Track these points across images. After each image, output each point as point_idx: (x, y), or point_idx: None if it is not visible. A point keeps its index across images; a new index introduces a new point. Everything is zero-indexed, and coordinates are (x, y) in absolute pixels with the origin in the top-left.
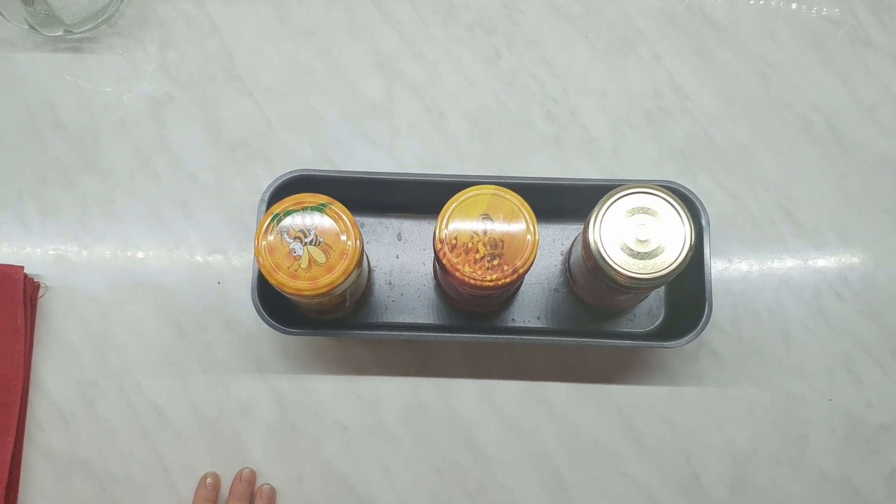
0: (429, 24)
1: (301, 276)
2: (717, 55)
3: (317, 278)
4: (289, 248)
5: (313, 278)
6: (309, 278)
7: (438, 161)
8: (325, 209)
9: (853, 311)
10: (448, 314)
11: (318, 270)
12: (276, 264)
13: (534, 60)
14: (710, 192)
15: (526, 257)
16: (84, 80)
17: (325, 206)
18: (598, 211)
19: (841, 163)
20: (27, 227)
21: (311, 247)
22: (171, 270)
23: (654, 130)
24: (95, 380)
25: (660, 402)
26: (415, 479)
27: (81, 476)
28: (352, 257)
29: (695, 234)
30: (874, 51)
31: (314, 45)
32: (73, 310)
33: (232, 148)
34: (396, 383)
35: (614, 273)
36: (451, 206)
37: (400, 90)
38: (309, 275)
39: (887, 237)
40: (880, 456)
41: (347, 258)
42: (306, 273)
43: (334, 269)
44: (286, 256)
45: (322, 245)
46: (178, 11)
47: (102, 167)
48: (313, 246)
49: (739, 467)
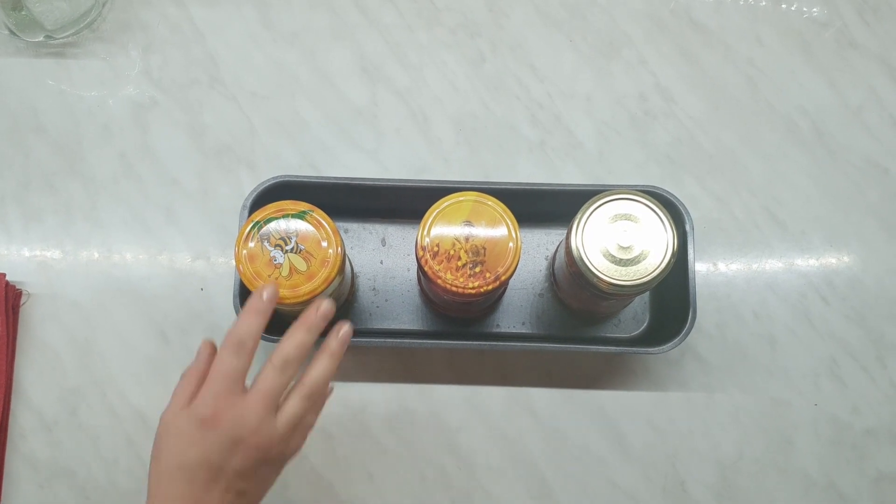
0: (413, 28)
1: (282, 285)
2: (704, 58)
3: (298, 286)
4: (269, 255)
5: (294, 286)
6: (290, 286)
7: (424, 165)
8: (306, 216)
9: (839, 315)
10: (433, 320)
11: (300, 278)
12: (256, 272)
13: (519, 64)
14: (695, 197)
15: (508, 264)
16: (67, 86)
17: (306, 214)
18: (580, 217)
19: (827, 165)
20: (9, 234)
21: (292, 254)
22: (154, 277)
23: (639, 135)
24: (78, 387)
25: (645, 407)
26: (400, 485)
27: (65, 484)
28: (333, 265)
29: (678, 240)
30: (860, 53)
31: (298, 50)
32: (56, 317)
33: (216, 153)
34: (381, 390)
35: (597, 280)
36: (433, 213)
37: (385, 94)
38: (290, 283)
39: (873, 240)
40: (866, 461)
41: (329, 266)
42: (287, 281)
43: (315, 276)
44: (267, 264)
45: (303, 253)
46: (160, 16)
47: (86, 172)
48: (294, 254)
49: (725, 472)
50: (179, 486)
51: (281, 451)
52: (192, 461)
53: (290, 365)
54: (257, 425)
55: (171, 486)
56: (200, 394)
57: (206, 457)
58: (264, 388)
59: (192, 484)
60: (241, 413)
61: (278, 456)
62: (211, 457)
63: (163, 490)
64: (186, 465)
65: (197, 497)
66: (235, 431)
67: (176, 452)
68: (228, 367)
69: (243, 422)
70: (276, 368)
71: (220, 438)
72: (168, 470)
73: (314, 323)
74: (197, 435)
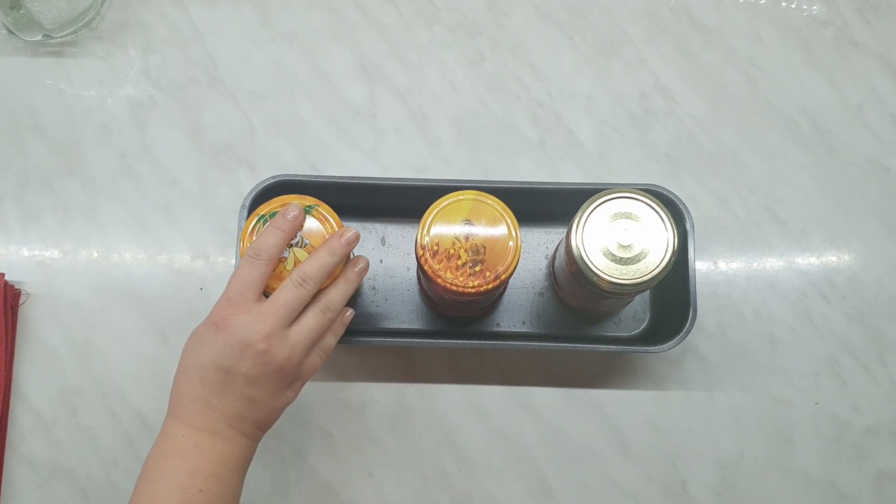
0: (413, 27)
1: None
2: (703, 57)
3: None
4: None
5: None
6: None
7: (423, 165)
8: (311, 211)
9: (839, 313)
10: (433, 319)
11: None
12: None
13: (518, 63)
14: (695, 195)
15: (508, 263)
16: (65, 85)
17: (312, 208)
18: (580, 216)
19: (827, 164)
20: (8, 234)
21: (297, 249)
22: (153, 276)
23: (639, 133)
24: (78, 387)
25: (645, 406)
26: (400, 485)
27: (64, 485)
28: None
29: (678, 239)
30: (860, 51)
31: (298, 49)
32: (55, 317)
33: (215, 152)
34: (381, 389)
35: (597, 278)
36: (433, 211)
37: (384, 94)
38: None
39: (874, 239)
40: (867, 459)
41: None
42: None
43: None
44: None
45: (308, 247)
46: (159, 15)
47: (84, 172)
48: (299, 248)
49: (725, 472)
50: (194, 386)
51: (295, 365)
52: (205, 361)
53: (307, 281)
54: (268, 330)
55: (186, 385)
56: (218, 300)
57: (216, 357)
58: (278, 299)
59: (203, 383)
60: (252, 318)
61: (292, 369)
62: (221, 357)
63: (179, 388)
64: (200, 365)
65: (207, 397)
66: (244, 333)
67: (193, 353)
68: (245, 273)
69: (253, 326)
70: (293, 283)
71: (230, 340)
72: (184, 370)
73: (337, 246)
74: (210, 337)
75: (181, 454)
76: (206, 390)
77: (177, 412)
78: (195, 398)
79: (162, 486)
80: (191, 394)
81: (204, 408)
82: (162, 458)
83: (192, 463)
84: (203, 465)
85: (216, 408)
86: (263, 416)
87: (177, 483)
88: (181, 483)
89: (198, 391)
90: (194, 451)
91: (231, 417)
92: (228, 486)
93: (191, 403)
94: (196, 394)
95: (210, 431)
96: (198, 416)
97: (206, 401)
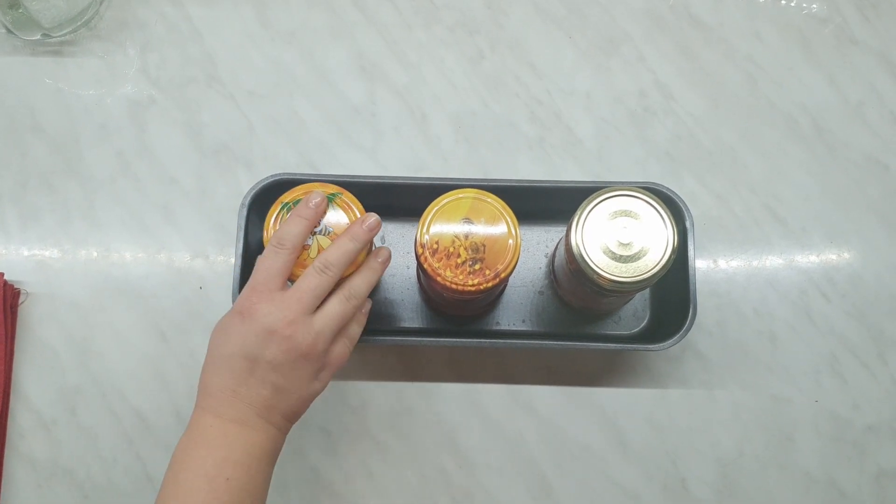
0: (411, 26)
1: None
2: (703, 55)
3: None
4: None
5: None
6: None
7: (422, 163)
8: (335, 199)
9: (839, 311)
10: (432, 318)
11: None
12: None
13: (517, 62)
14: (695, 194)
15: (508, 261)
16: (64, 84)
17: (336, 196)
18: (580, 214)
19: (827, 162)
20: (7, 233)
21: (320, 236)
22: (152, 276)
23: (639, 132)
24: (77, 387)
25: (645, 404)
26: (400, 484)
27: (64, 484)
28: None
29: (678, 237)
30: (860, 49)
31: (296, 48)
32: (55, 316)
33: (214, 152)
34: (381, 388)
35: (596, 276)
36: (433, 209)
37: (383, 93)
38: None
39: (874, 237)
40: (867, 457)
41: None
42: None
43: None
44: None
45: (331, 235)
46: (158, 14)
47: (83, 172)
48: (323, 235)
49: (725, 470)
50: (223, 376)
51: (320, 352)
52: (231, 350)
53: (330, 268)
54: (291, 317)
55: (213, 375)
56: (242, 292)
57: (242, 346)
58: (301, 286)
59: (230, 373)
60: (275, 306)
61: (317, 356)
62: (246, 346)
63: (205, 380)
64: (226, 355)
65: (235, 387)
66: (268, 321)
67: (219, 344)
68: (270, 262)
69: (277, 313)
70: (316, 270)
71: (255, 328)
72: (211, 362)
73: (359, 233)
74: (236, 326)
75: (208, 444)
76: (233, 380)
77: (204, 403)
78: (222, 388)
79: (188, 475)
80: (218, 384)
81: (232, 397)
82: (189, 449)
83: (219, 452)
84: (230, 455)
85: (244, 397)
86: (291, 406)
87: (203, 472)
88: (208, 472)
89: (225, 381)
90: (222, 440)
91: (259, 407)
92: (256, 476)
93: (218, 393)
94: (223, 384)
95: (238, 421)
96: (226, 406)
97: (233, 390)
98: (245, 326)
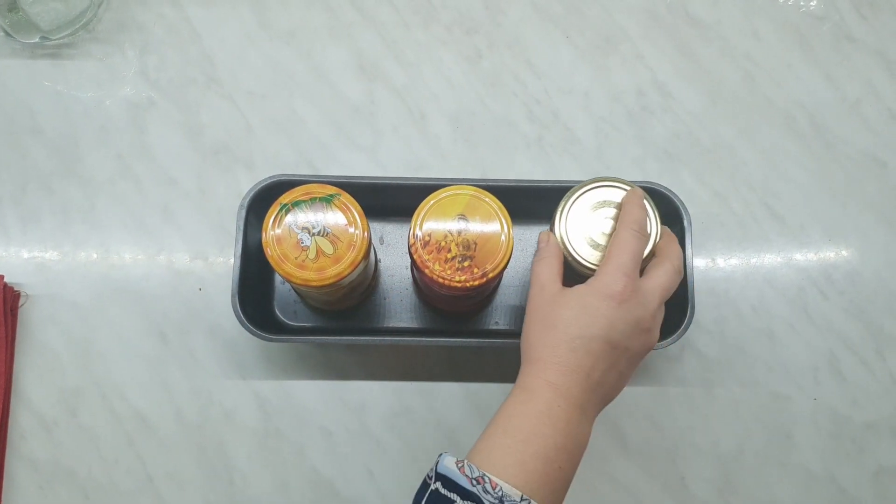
0: (410, 25)
1: (308, 267)
2: (701, 53)
3: (324, 269)
4: (297, 238)
5: (321, 269)
6: (316, 269)
7: (422, 163)
8: (333, 200)
9: (838, 308)
10: (431, 317)
11: (326, 261)
12: (283, 254)
13: (516, 60)
14: (693, 192)
15: (497, 262)
16: (63, 86)
17: (334, 197)
18: (562, 206)
19: (825, 159)
20: (7, 235)
21: (318, 237)
22: (152, 277)
23: (637, 130)
24: (78, 388)
25: (645, 402)
26: (400, 483)
27: (65, 485)
28: (359, 248)
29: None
30: (857, 46)
31: (295, 48)
32: (55, 318)
33: (213, 152)
34: (380, 388)
35: (581, 267)
36: (429, 202)
37: (382, 92)
38: (316, 265)
39: (872, 234)
40: (866, 454)
41: (355, 249)
42: (314, 264)
43: (342, 259)
44: (294, 247)
45: (330, 236)
46: (157, 16)
47: (83, 173)
48: (321, 237)
49: (725, 467)
50: (579, 356)
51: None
52: (595, 333)
53: (644, 230)
54: (654, 310)
55: (570, 354)
56: (607, 271)
57: (608, 331)
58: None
59: (590, 355)
60: (645, 295)
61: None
62: (613, 332)
63: (560, 356)
64: (589, 336)
65: (588, 370)
66: (639, 312)
67: (582, 324)
68: (634, 247)
69: (647, 305)
70: (637, 237)
71: (626, 317)
72: (568, 339)
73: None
74: (604, 309)
75: (554, 424)
76: (590, 360)
77: (554, 378)
78: (577, 368)
79: (529, 449)
80: (576, 364)
81: (585, 381)
82: (533, 419)
83: (560, 438)
84: (567, 443)
85: (596, 384)
86: (612, 398)
87: (544, 452)
88: (548, 454)
89: (584, 361)
90: (565, 425)
91: (602, 396)
92: (573, 473)
93: (572, 374)
94: (581, 364)
95: (581, 409)
96: (576, 390)
97: (588, 374)
98: (617, 312)
